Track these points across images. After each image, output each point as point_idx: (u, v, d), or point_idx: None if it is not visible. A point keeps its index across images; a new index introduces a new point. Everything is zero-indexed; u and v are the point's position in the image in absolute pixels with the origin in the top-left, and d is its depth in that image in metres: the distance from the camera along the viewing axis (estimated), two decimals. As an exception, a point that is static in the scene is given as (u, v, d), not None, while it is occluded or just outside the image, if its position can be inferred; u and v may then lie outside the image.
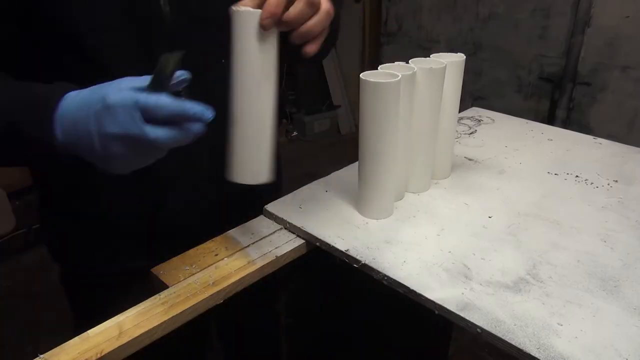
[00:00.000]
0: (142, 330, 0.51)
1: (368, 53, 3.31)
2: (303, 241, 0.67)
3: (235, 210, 0.72)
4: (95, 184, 0.65)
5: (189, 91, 0.53)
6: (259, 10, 0.51)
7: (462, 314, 0.52)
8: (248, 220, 0.71)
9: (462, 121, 1.03)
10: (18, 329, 1.78)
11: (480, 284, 0.56)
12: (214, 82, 0.60)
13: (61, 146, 0.50)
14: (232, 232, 0.69)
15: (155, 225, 0.70)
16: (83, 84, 0.51)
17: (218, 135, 0.55)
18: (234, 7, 0.51)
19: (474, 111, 1.09)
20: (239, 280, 0.59)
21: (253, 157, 0.56)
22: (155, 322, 0.52)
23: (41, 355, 0.48)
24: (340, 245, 0.63)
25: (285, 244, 0.66)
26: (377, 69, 0.64)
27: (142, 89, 0.48)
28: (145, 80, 0.49)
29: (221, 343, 0.99)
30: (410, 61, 0.68)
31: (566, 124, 2.41)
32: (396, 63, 0.67)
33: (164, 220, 0.70)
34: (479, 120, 1.04)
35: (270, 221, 0.71)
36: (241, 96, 0.54)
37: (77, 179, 0.65)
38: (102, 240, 0.71)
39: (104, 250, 0.72)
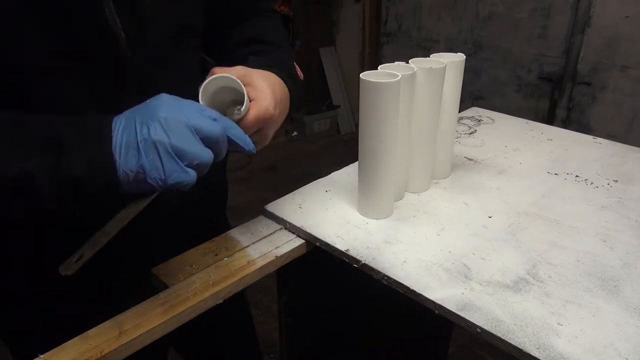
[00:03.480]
0: (142, 330, 0.51)
1: (368, 53, 3.31)
2: (303, 241, 0.67)
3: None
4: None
5: None
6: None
7: (462, 314, 0.52)
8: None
9: (462, 121, 1.03)
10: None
11: (480, 284, 0.56)
12: None
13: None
14: (232, 232, 0.69)
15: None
16: None
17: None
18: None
19: (474, 111, 1.09)
20: (239, 280, 0.59)
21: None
22: (155, 322, 0.52)
23: (41, 356, 0.48)
24: (340, 245, 0.63)
25: (285, 244, 0.66)
26: (377, 69, 0.64)
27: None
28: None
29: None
30: (410, 61, 0.68)
31: (566, 124, 2.41)
32: (396, 63, 0.67)
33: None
34: (479, 120, 1.04)
35: (270, 221, 0.71)
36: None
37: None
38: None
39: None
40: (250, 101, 0.56)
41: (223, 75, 0.54)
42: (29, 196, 0.46)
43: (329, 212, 0.70)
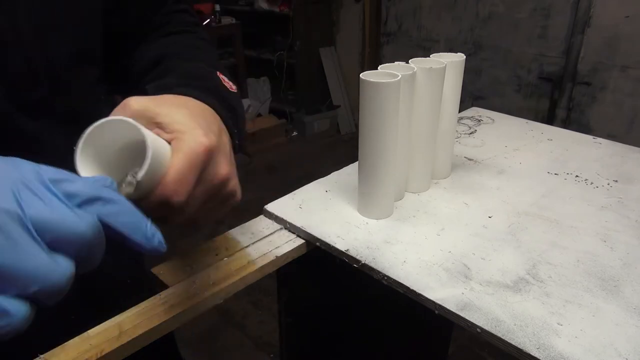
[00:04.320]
0: (142, 330, 0.51)
1: (368, 53, 3.31)
2: (303, 241, 0.67)
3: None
4: None
5: None
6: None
7: (462, 314, 0.52)
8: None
9: (462, 121, 1.03)
10: None
11: (480, 284, 0.56)
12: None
13: None
14: (232, 232, 0.69)
15: None
16: None
17: None
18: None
19: (474, 111, 1.09)
20: (239, 280, 0.60)
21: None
22: (155, 322, 0.52)
23: (41, 356, 0.48)
24: (340, 245, 0.63)
25: (285, 244, 0.66)
26: (377, 69, 0.64)
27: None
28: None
29: None
30: (410, 61, 0.68)
31: (566, 124, 2.41)
32: (396, 63, 0.67)
33: None
34: (479, 120, 1.04)
35: (270, 221, 0.71)
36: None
37: None
38: None
39: None
40: (169, 143, 0.37)
41: (107, 120, 0.35)
42: None
43: (329, 212, 0.70)
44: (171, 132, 0.37)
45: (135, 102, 0.37)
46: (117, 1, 0.54)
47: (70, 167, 0.31)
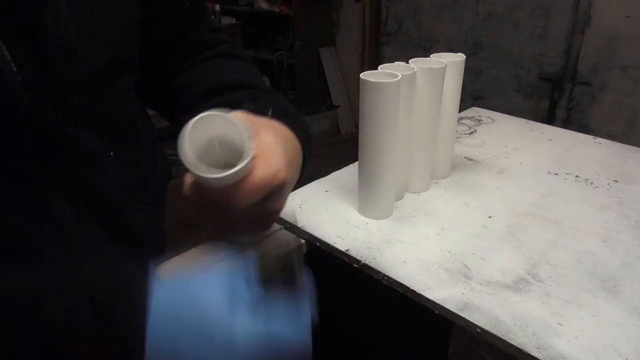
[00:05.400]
0: (143, 330, 0.51)
1: (368, 53, 3.31)
2: (303, 241, 0.67)
3: None
4: None
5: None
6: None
7: (462, 314, 0.52)
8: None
9: (462, 121, 1.03)
10: None
11: (480, 284, 0.56)
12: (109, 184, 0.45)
13: None
14: (232, 232, 0.69)
15: None
16: None
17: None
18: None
19: (474, 111, 1.09)
20: (239, 280, 0.59)
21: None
22: (155, 322, 0.52)
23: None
24: (340, 245, 0.63)
25: (285, 244, 0.66)
26: (377, 69, 0.64)
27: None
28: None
29: None
30: (410, 61, 0.68)
31: (566, 124, 2.41)
32: (396, 63, 0.67)
33: None
34: (479, 120, 1.04)
35: (270, 221, 0.71)
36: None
37: None
38: None
39: None
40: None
41: (216, 114, 0.38)
42: None
43: (329, 212, 0.70)
44: (262, 149, 0.39)
45: (241, 114, 0.40)
46: (159, 10, 0.54)
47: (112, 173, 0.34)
